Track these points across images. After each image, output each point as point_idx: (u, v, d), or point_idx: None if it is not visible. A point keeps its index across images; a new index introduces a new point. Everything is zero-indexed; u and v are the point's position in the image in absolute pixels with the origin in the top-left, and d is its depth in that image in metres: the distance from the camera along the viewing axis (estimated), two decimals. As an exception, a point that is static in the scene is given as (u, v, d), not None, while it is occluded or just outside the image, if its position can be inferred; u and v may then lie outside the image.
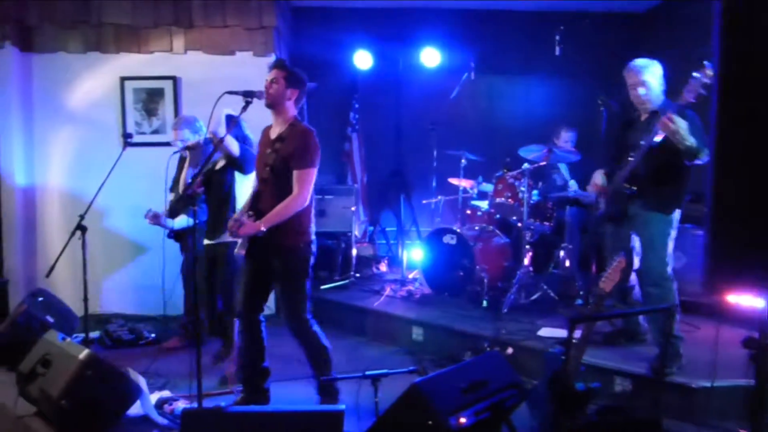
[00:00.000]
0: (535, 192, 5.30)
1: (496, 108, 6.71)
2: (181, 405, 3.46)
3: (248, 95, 3.21)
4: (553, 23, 5.24)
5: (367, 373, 2.97)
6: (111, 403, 3.22)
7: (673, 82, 3.75)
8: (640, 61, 3.67)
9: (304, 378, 3.73)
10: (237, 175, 4.19)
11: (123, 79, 5.48)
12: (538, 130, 5.81)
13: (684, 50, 5.31)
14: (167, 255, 4.93)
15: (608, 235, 4.02)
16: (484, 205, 5.75)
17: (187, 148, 4.42)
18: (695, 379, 3.47)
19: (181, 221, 4.47)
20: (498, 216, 5.61)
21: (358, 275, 6.01)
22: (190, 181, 3.97)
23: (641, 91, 3.63)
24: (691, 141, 3.35)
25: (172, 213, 4.44)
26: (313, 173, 3.29)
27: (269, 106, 3.34)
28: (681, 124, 3.32)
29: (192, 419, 2.55)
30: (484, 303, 5.04)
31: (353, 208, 6.09)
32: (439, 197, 6.04)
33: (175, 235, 4.63)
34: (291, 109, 3.37)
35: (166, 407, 3.48)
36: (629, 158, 3.73)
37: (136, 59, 5.49)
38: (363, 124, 6.72)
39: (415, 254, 6.19)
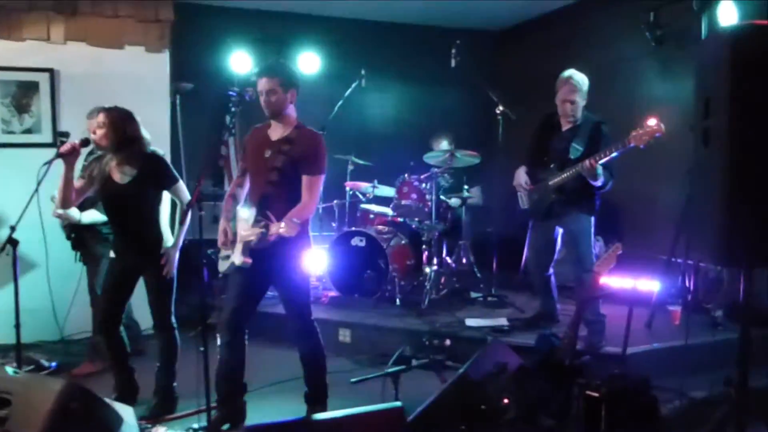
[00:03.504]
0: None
1: (385, 115, 6.95)
2: (162, 430, 3.14)
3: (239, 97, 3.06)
4: (449, 37, 5.64)
5: (388, 370, 3.04)
6: (96, 439, 2.81)
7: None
8: (580, 76, 4.08)
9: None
10: None
11: (-12, 69, 4.70)
12: (428, 137, 6.18)
13: (529, 68, 6.08)
14: (57, 270, 4.37)
15: (533, 228, 4.49)
16: (376, 208, 5.96)
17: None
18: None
19: (92, 216, 3.96)
20: (396, 217, 5.86)
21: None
22: None
23: (578, 104, 4.08)
24: (601, 182, 3.93)
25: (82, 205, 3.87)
26: (323, 179, 3.27)
27: (273, 117, 3.23)
28: (599, 171, 3.88)
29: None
30: (398, 301, 5.26)
31: (239, 215, 5.88)
32: (335, 201, 6.10)
33: (76, 239, 4.11)
34: (293, 111, 3.29)
35: (145, 436, 3.14)
36: (551, 164, 4.23)
37: (4, 47, 4.73)
38: (241, 129, 6.51)
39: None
